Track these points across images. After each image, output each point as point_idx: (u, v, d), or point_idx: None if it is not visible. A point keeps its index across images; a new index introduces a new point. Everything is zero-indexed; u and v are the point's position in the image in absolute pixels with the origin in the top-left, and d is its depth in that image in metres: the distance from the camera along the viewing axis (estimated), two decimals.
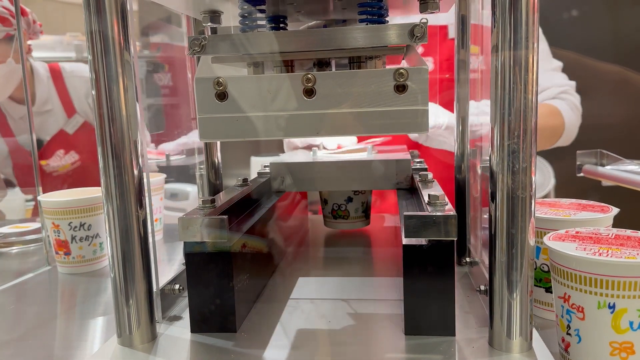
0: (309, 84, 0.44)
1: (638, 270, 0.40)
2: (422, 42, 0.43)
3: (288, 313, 0.53)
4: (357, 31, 0.44)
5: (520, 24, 0.39)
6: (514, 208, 0.41)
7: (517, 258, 0.42)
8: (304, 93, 0.44)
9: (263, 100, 0.45)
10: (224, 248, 0.48)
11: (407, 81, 0.43)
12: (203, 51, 0.45)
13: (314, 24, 0.60)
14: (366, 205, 0.83)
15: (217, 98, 0.45)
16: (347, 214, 0.82)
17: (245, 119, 0.45)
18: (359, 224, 0.83)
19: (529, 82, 0.40)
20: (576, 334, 0.43)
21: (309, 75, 0.44)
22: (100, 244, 0.77)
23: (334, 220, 0.83)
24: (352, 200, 0.81)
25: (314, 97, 0.44)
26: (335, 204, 0.82)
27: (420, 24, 0.42)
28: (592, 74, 1.61)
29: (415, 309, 0.46)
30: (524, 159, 0.41)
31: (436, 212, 0.45)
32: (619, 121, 1.70)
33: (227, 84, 0.45)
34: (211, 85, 0.45)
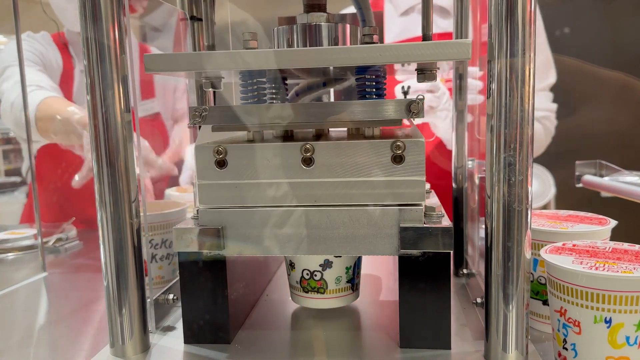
0: (307, 154, 0.45)
1: (634, 285, 0.39)
2: (419, 117, 0.43)
3: (283, 324, 0.52)
4: (355, 106, 0.45)
5: (516, 36, 0.39)
6: (510, 221, 0.41)
7: (513, 271, 0.42)
8: (302, 162, 0.45)
9: (262, 168, 0.46)
10: (218, 258, 0.47)
11: (404, 152, 0.44)
12: (204, 121, 0.46)
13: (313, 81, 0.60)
14: (353, 269, 0.54)
15: (216, 165, 0.46)
16: (324, 285, 0.53)
17: (244, 185, 0.46)
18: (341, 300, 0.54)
19: (525, 94, 0.40)
20: (572, 348, 0.43)
21: (307, 145, 0.45)
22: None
23: (304, 295, 0.54)
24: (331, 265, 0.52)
25: (312, 166, 0.45)
26: (306, 271, 0.53)
27: (416, 101, 0.43)
28: (593, 80, 1.61)
29: (410, 321, 0.46)
30: (520, 172, 0.40)
31: (432, 224, 0.45)
32: (620, 128, 1.69)
33: (227, 151, 0.45)
34: (211, 153, 0.46)
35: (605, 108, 1.65)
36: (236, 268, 0.51)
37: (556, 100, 1.58)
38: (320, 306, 0.53)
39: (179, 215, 0.66)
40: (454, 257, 0.66)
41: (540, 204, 2.04)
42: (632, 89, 1.58)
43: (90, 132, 0.45)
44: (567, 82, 1.23)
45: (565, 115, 1.65)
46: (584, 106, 1.14)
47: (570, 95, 1.21)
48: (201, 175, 0.46)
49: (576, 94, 1.15)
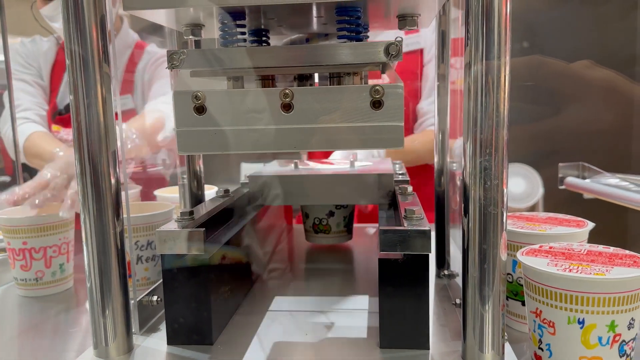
0: (286, 99, 0.44)
1: (606, 287, 0.40)
2: (397, 60, 0.43)
3: (266, 325, 0.53)
4: (333, 48, 0.44)
5: (492, 42, 0.40)
6: (486, 223, 0.42)
7: (489, 273, 0.42)
8: (281, 108, 0.45)
9: (241, 114, 0.45)
10: (201, 261, 0.48)
11: (383, 97, 0.44)
12: (182, 65, 0.45)
13: (296, 37, 0.61)
14: (348, 219, 0.83)
15: (195, 111, 0.45)
16: (329, 228, 0.81)
17: (224, 132, 0.45)
18: (340, 239, 0.82)
19: (500, 99, 0.41)
20: (547, 348, 0.44)
21: (286, 90, 0.44)
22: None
23: (315, 235, 0.82)
24: (333, 214, 0.81)
25: (291, 111, 0.45)
26: (316, 218, 0.82)
27: (395, 42, 0.43)
28: (580, 81, 1.62)
29: (390, 322, 0.47)
30: (495, 176, 0.41)
31: (411, 226, 0.46)
32: (607, 129, 1.71)
33: (206, 97, 0.45)
34: (189, 99, 0.45)
35: (591, 109, 1.66)
36: (219, 270, 0.51)
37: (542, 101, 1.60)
38: (326, 242, 0.82)
39: (165, 217, 0.66)
40: (437, 258, 0.67)
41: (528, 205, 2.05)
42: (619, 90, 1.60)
43: (73, 133, 0.45)
44: (552, 83, 1.24)
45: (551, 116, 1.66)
46: (570, 107, 1.15)
47: (556, 96, 1.22)
48: (180, 122, 0.46)
49: (561, 94, 1.16)
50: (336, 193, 0.74)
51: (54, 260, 0.71)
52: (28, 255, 0.69)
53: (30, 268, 0.70)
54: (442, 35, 0.63)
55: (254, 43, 0.54)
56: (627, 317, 0.41)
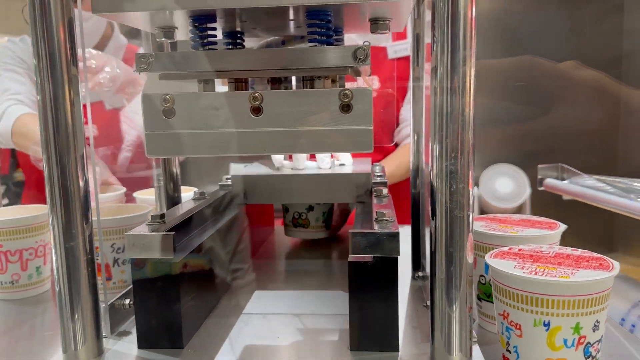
0: (256, 102, 0.44)
1: (569, 290, 0.41)
2: (364, 64, 0.44)
3: (238, 329, 0.53)
4: (301, 52, 0.45)
5: (458, 46, 0.40)
6: (453, 226, 0.42)
7: (456, 275, 0.43)
8: (251, 111, 0.45)
9: (211, 117, 0.45)
10: (171, 265, 0.48)
11: (352, 101, 0.44)
12: (150, 68, 0.45)
13: (272, 39, 0.61)
14: (327, 214, 0.83)
15: (164, 114, 0.45)
16: (308, 222, 0.82)
17: (193, 135, 0.45)
18: (319, 234, 0.83)
19: (466, 102, 0.41)
20: (515, 350, 0.44)
21: (256, 93, 0.44)
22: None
23: (294, 229, 0.83)
24: (313, 209, 0.82)
25: (261, 115, 0.45)
26: (296, 212, 0.82)
27: (362, 47, 0.43)
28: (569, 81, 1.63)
29: (360, 324, 0.47)
30: (461, 179, 0.42)
31: (381, 229, 0.46)
32: (596, 129, 1.72)
33: (174, 100, 0.45)
34: (158, 102, 0.45)
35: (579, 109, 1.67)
36: (190, 274, 0.51)
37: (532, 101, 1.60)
38: (304, 237, 0.84)
39: (139, 220, 0.66)
40: (412, 259, 0.67)
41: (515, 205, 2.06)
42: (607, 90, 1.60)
43: (40, 134, 0.45)
44: (543, 83, 1.25)
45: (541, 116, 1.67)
46: (557, 107, 1.16)
47: (546, 97, 1.23)
48: (148, 124, 0.46)
49: (551, 95, 1.17)
50: (315, 192, 0.75)
51: (30, 262, 0.70)
52: (4, 258, 0.69)
53: (6, 271, 0.69)
54: (417, 38, 0.63)
55: (228, 45, 0.54)
56: (591, 319, 0.42)
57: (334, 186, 0.74)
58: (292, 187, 0.74)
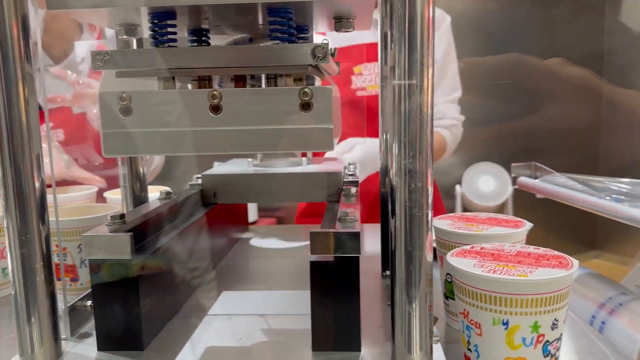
0: (214, 101, 0.44)
1: (527, 288, 0.41)
2: (324, 62, 0.43)
3: (201, 330, 0.52)
4: (259, 50, 0.44)
5: (415, 46, 0.40)
6: (412, 225, 0.42)
7: (415, 274, 0.42)
8: (210, 109, 0.44)
9: (169, 115, 0.44)
10: (130, 266, 0.47)
11: (312, 100, 0.44)
12: (106, 66, 0.44)
13: (239, 37, 0.60)
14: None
15: (121, 113, 0.45)
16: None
17: (150, 134, 0.45)
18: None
19: (424, 102, 0.41)
20: (475, 349, 0.44)
21: (214, 91, 0.44)
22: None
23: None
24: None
25: (220, 113, 0.44)
26: None
27: (321, 45, 0.43)
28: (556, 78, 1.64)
29: (321, 324, 0.46)
30: (419, 178, 0.41)
31: (342, 229, 0.45)
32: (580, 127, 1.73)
33: (131, 98, 0.44)
34: (115, 100, 0.44)
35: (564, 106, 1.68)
36: (151, 275, 0.50)
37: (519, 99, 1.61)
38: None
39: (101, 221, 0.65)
40: (382, 258, 0.67)
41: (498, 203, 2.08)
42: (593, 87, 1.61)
43: None
44: (529, 81, 1.26)
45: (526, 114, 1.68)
46: (544, 104, 1.17)
47: (532, 94, 1.24)
48: (105, 123, 0.45)
49: (537, 92, 1.18)
50: (287, 191, 0.74)
51: None
52: None
53: None
54: (385, 37, 0.63)
55: (193, 43, 0.53)
56: (550, 317, 0.42)
57: (305, 185, 0.74)
58: (263, 186, 0.74)
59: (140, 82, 0.50)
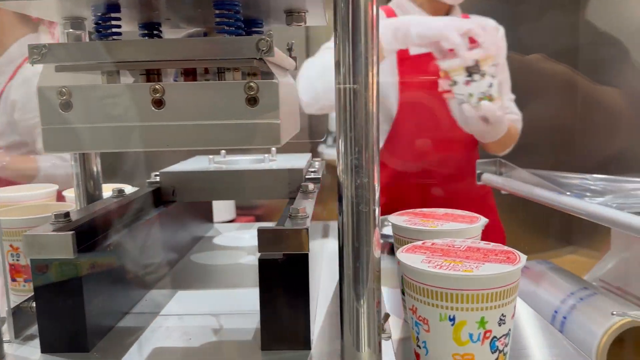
0: (156, 95, 0.43)
1: (472, 284, 0.41)
2: (269, 55, 0.42)
3: (151, 330, 0.51)
4: (203, 43, 0.43)
5: (359, 42, 0.39)
6: (359, 221, 0.41)
7: (362, 271, 0.42)
8: (152, 104, 0.43)
9: (110, 110, 0.43)
10: (74, 266, 0.46)
11: (258, 94, 0.43)
12: (44, 60, 0.43)
13: (194, 31, 0.59)
14: None
15: (61, 108, 0.43)
16: None
17: (91, 130, 0.43)
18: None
19: (369, 97, 0.40)
20: (424, 346, 0.44)
21: (157, 85, 0.43)
22: None
23: None
24: None
25: (163, 108, 0.43)
26: None
27: (264, 38, 0.42)
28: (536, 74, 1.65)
29: (271, 323, 0.46)
30: (365, 174, 0.41)
31: (289, 225, 0.45)
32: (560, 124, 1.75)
33: (71, 93, 0.43)
34: (54, 95, 0.43)
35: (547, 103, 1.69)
36: (97, 275, 0.49)
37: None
38: None
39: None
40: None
41: None
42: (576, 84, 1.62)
43: None
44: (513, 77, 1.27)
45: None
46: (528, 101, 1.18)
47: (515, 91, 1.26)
48: (45, 119, 0.43)
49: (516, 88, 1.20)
50: (247, 188, 0.73)
51: None
52: None
53: None
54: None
55: (144, 37, 0.52)
56: (497, 313, 0.42)
57: (266, 182, 0.73)
58: (223, 184, 0.73)
59: (83, 76, 0.48)
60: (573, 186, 0.88)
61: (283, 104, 0.45)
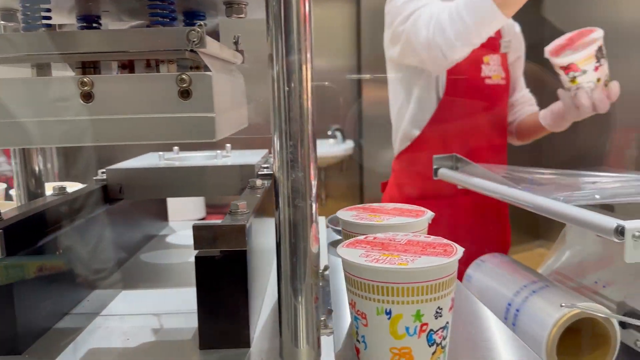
0: (85, 88, 0.41)
1: (407, 277, 0.41)
2: (200, 47, 0.42)
3: (89, 331, 0.50)
4: (133, 34, 0.42)
5: (291, 33, 0.39)
6: (296, 216, 0.41)
7: (300, 266, 0.41)
8: (81, 97, 0.42)
9: (38, 104, 0.42)
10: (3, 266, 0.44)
11: (191, 87, 0.42)
12: None
13: (136, 24, 0.57)
14: None
15: None
16: None
17: (17, 125, 0.42)
18: None
19: (303, 90, 0.40)
20: (363, 340, 0.44)
21: (85, 78, 0.41)
22: None
23: None
24: None
25: (92, 101, 0.42)
26: None
27: (195, 29, 0.41)
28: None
29: (209, 322, 0.45)
30: (301, 168, 0.40)
31: (229, 222, 0.44)
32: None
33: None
34: None
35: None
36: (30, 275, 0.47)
37: None
38: None
39: None
40: None
41: None
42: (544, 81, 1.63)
43: None
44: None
45: None
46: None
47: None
48: None
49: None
50: (197, 185, 0.72)
51: None
52: None
53: None
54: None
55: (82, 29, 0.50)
56: (433, 306, 0.42)
57: (217, 179, 0.72)
58: (173, 181, 0.71)
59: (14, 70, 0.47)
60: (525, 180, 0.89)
61: (220, 97, 0.44)
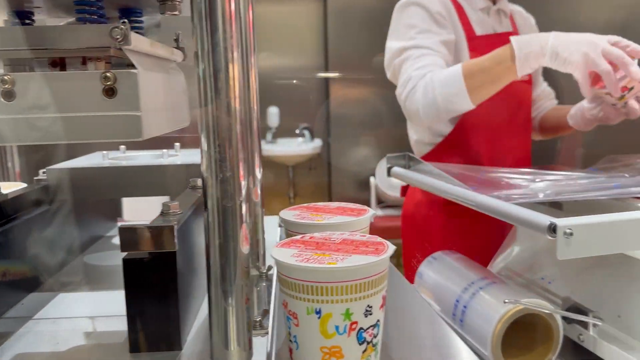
0: (5, 86, 0.40)
1: (334, 276, 0.41)
2: (124, 44, 0.41)
3: (19, 335, 0.48)
4: (55, 31, 0.41)
5: (217, 31, 0.38)
6: (225, 217, 0.41)
7: (229, 267, 0.41)
8: (2, 96, 0.40)
9: None
10: None
11: (116, 85, 0.41)
12: None
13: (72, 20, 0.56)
14: None
15: None
16: None
17: None
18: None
19: (230, 90, 0.39)
20: (295, 340, 0.44)
21: (5, 76, 0.40)
22: None
23: None
24: None
25: (13, 100, 0.41)
26: None
27: (119, 26, 0.40)
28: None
29: (138, 325, 0.44)
30: (229, 168, 0.40)
31: (159, 223, 0.43)
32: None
33: None
34: None
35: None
36: None
37: None
38: None
39: None
40: None
41: None
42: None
43: None
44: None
45: None
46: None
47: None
48: None
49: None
50: (144, 185, 0.71)
51: None
52: None
53: None
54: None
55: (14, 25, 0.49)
56: (362, 304, 0.42)
57: (161, 179, 0.71)
58: (116, 181, 0.70)
59: None
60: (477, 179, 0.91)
61: (149, 95, 0.44)
